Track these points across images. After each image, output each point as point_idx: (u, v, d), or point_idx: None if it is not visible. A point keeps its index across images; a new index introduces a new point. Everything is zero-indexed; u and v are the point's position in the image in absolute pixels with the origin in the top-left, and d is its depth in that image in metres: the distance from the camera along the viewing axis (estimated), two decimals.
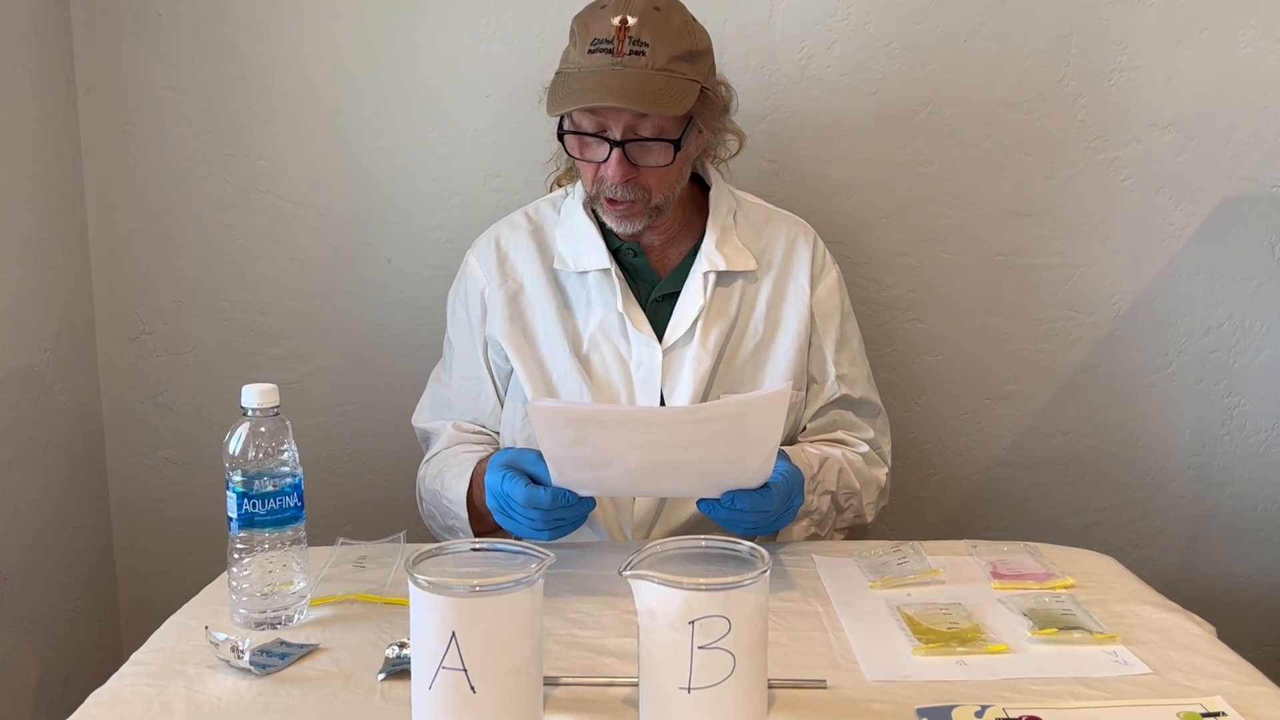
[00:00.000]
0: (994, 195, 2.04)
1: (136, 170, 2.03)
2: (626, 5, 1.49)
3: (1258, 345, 2.09)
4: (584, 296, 1.62)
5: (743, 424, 1.27)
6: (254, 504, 1.24)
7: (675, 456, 1.29)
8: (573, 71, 1.50)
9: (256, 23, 1.99)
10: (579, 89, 1.48)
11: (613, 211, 1.56)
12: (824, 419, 1.66)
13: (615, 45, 1.47)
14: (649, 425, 1.29)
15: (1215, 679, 1.13)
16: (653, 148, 1.51)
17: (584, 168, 1.56)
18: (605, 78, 1.47)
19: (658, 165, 1.53)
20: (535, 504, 1.32)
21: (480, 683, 0.98)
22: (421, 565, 1.02)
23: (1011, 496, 2.14)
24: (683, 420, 1.31)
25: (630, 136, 1.50)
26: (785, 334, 1.62)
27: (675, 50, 1.49)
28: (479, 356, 1.66)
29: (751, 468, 1.30)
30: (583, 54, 1.49)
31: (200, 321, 2.08)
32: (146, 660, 1.19)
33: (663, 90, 1.48)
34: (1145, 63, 1.99)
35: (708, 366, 1.57)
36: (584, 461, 1.29)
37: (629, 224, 1.56)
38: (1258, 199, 2.04)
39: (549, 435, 1.28)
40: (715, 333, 1.59)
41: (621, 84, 1.46)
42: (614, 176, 1.51)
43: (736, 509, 1.32)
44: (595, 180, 1.54)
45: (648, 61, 1.47)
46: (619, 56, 1.47)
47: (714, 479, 1.32)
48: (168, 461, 2.12)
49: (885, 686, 1.12)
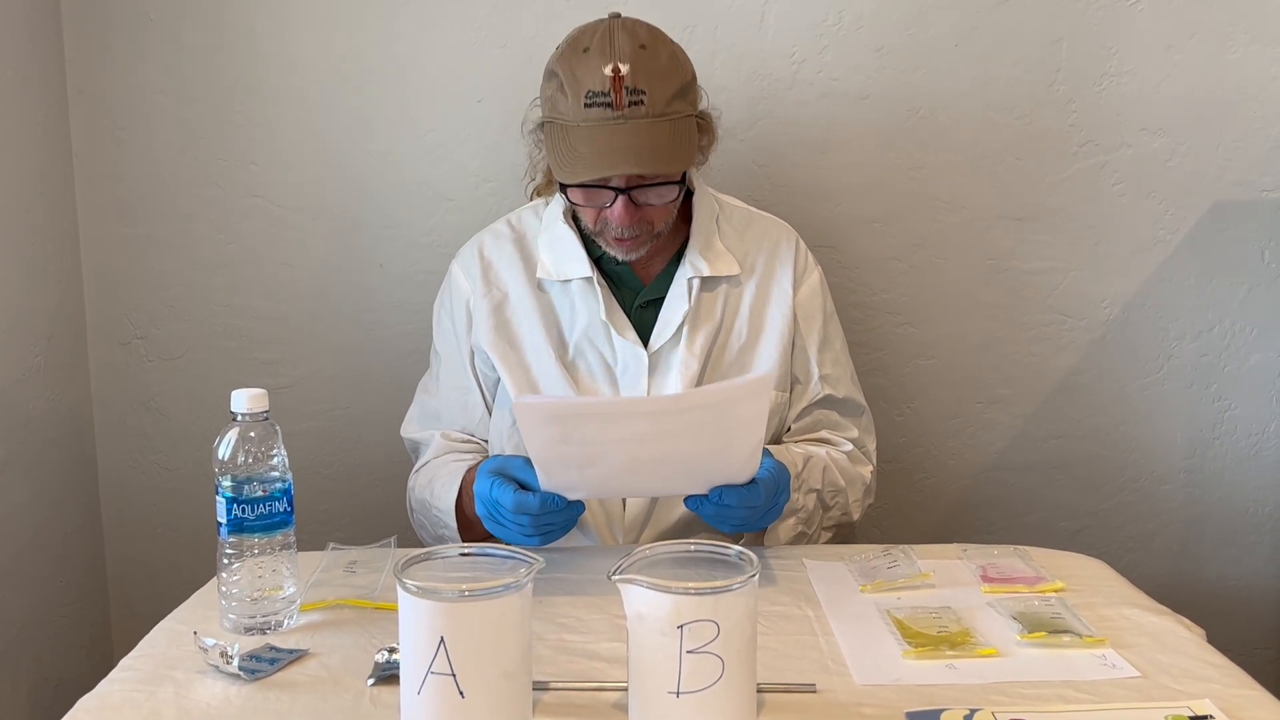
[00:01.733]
0: (985, 200, 2.04)
1: (128, 174, 2.03)
2: (613, 50, 1.46)
3: (1248, 349, 2.09)
4: (568, 304, 1.62)
5: (727, 411, 1.28)
6: (243, 509, 1.24)
7: (661, 450, 1.29)
8: (571, 126, 1.48)
9: (248, 28, 1.99)
10: (587, 153, 1.46)
11: (619, 247, 1.55)
12: (808, 419, 1.67)
13: (613, 98, 1.45)
14: (634, 416, 1.30)
15: (1204, 682, 1.13)
16: (656, 189, 1.51)
17: (584, 211, 1.55)
18: (611, 137, 1.45)
19: (663, 203, 1.53)
20: (524, 509, 1.32)
21: (469, 688, 0.98)
22: (411, 570, 1.02)
23: (1003, 500, 2.15)
24: (667, 409, 1.31)
25: (634, 184, 1.50)
26: (769, 337, 1.63)
27: (670, 90, 1.48)
28: (466, 366, 1.66)
29: (738, 460, 1.31)
30: (578, 108, 1.46)
31: (191, 326, 2.08)
32: (136, 665, 1.19)
33: (668, 143, 1.47)
34: (1135, 68, 2.00)
35: (695, 371, 1.58)
36: (571, 460, 1.29)
37: (634, 254, 1.57)
38: (1247, 203, 2.04)
39: (535, 433, 1.28)
40: (701, 337, 1.60)
41: (628, 143, 1.45)
42: (621, 221, 1.51)
43: (724, 505, 1.33)
44: (597, 221, 1.54)
45: (647, 110, 1.45)
46: (619, 110, 1.45)
47: (701, 474, 1.32)
48: (159, 466, 2.12)
49: (875, 690, 1.12)
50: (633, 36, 1.48)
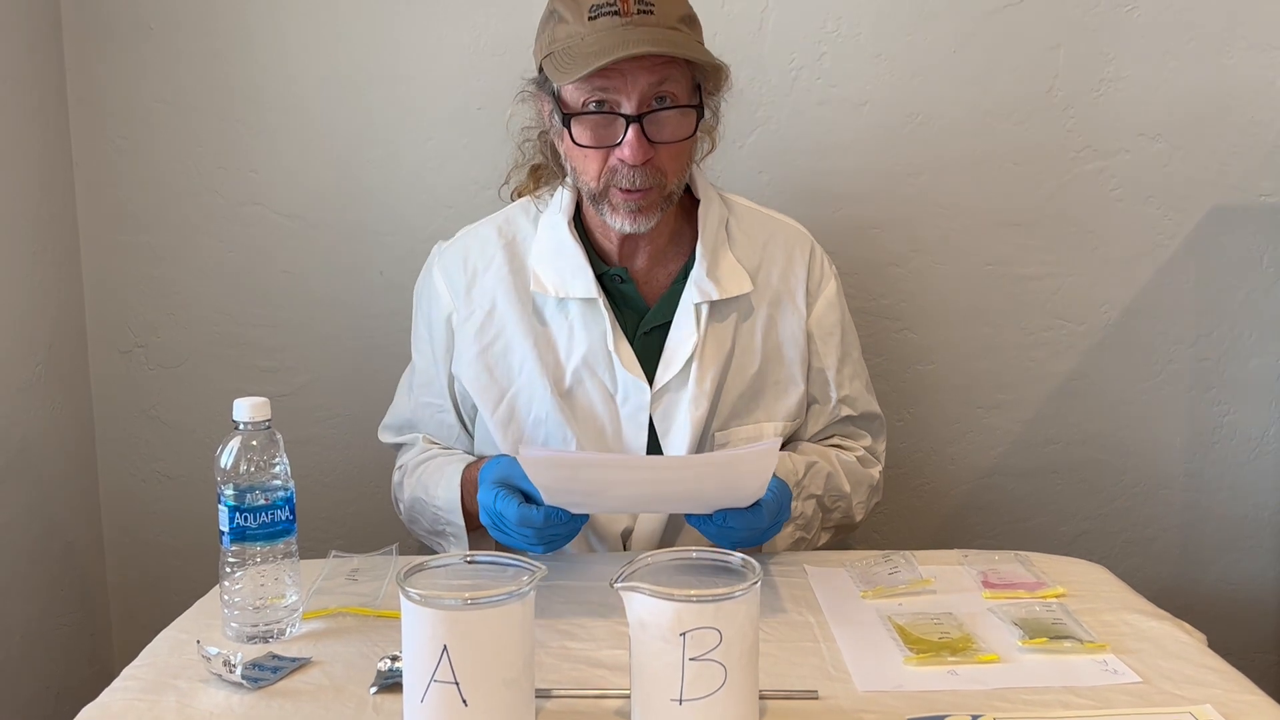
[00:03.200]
0: (984, 205, 2.05)
1: (128, 183, 2.04)
2: None
3: (1247, 353, 2.09)
4: (565, 327, 1.51)
5: (734, 470, 1.27)
6: (246, 518, 1.24)
7: (666, 491, 1.31)
8: (575, 41, 1.38)
9: (248, 35, 2.00)
10: (595, 50, 1.35)
11: (627, 204, 1.43)
12: (823, 436, 1.64)
13: (620, 6, 1.37)
14: (640, 470, 1.31)
15: (1205, 688, 1.13)
16: (671, 118, 1.41)
17: (590, 161, 1.43)
18: (622, 35, 1.35)
19: (678, 139, 1.42)
20: (528, 523, 1.31)
21: (472, 695, 0.98)
22: (413, 578, 1.02)
23: (1003, 505, 2.15)
24: (674, 467, 1.31)
25: (646, 109, 1.39)
26: (782, 363, 1.56)
27: (680, 11, 1.42)
28: (443, 386, 1.58)
29: (743, 499, 1.30)
30: (582, 22, 1.38)
31: (192, 334, 2.08)
32: (138, 675, 1.19)
33: (683, 41, 1.39)
34: (1133, 73, 2.01)
35: (704, 410, 1.49)
36: (575, 492, 1.29)
37: (644, 218, 1.44)
38: (1246, 207, 2.05)
39: (540, 476, 1.26)
40: (712, 373, 1.50)
41: (640, 36, 1.35)
42: (634, 157, 1.39)
43: (728, 526, 1.31)
44: (604, 172, 1.42)
45: (657, 20, 1.37)
46: (627, 16, 1.36)
47: (705, 505, 1.32)
48: (160, 475, 2.12)
49: (877, 697, 1.12)
50: None
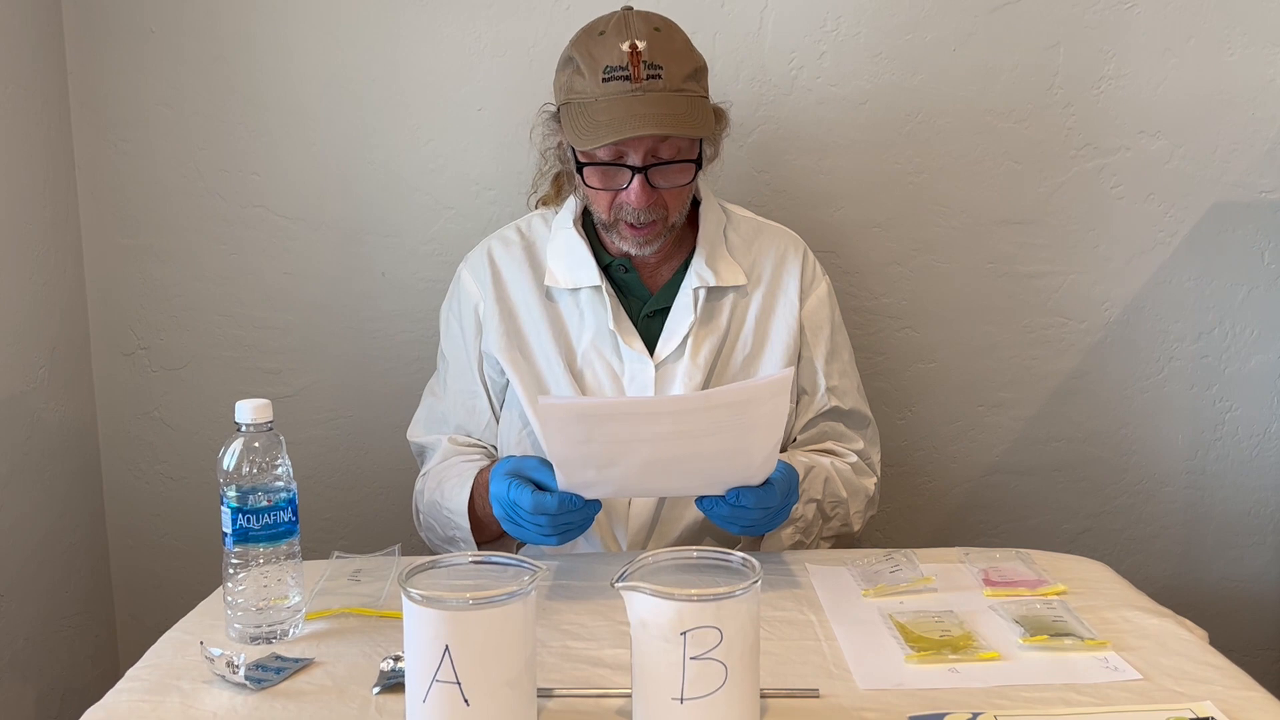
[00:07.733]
0: (984, 204, 2.05)
1: (130, 186, 2.04)
2: (629, 30, 1.51)
3: (1249, 350, 2.10)
4: (576, 313, 1.63)
5: (748, 410, 1.28)
6: (248, 519, 1.25)
7: (681, 450, 1.30)
8: (590, 101, 1.50)
9: (249, 39, 2.00)
10: (606, 120, 1.48)
11: (634, 236, 1.56)
12: (814, 430, 1.67)
13: (631, 71, 1.48)
14: (657, 415, 1.30)
15: (1206, 684, 1.13)
16: (673, 170, 1.53)
17: (599, 197, 1.56)
18: (630, 105, 1.48)
19: (678, 185, 1.55)
20: (542, 509, 1.33)
21: (474, 695, 0.98)
22: (415, 579, 1.03)
23: (1004, 503, 2.15)
24: (690, 408, 1.31)
25: (650, 161, 1.52)
26: (774, 348, 1.64)
27: (686, 69, 1.52)
28: (474, 371, 1.67)
29: (756, 461, 1.33)
30: (596, 82, 1.50)
31: (195, 337, 2.08)
32: (142, 676, 1.20)
33: (686, 112, 1.50)
34: (1133, 70, 2.01)
35: (698, 381, 1.59)
36: (591, 460, 1.30)
37: (649, 246, 1.58)
38: (1247, 204, 2.05)
39: (558, 433, 1.28)
40: (706, 348, 1.61)
41: (649, 110, 1.47)
42: (638, 202, 1.52)
43: (741, 505, 1.34)
44: (612, 208, 1.56)
45: (664, 84, 1.49)
46: (637, 82, 1.48)
47: (718, 474, 1.34)
48: (163, 477, 2.12)
49: (878, 695, 1.12)
50: (647, 20, 1.53)
